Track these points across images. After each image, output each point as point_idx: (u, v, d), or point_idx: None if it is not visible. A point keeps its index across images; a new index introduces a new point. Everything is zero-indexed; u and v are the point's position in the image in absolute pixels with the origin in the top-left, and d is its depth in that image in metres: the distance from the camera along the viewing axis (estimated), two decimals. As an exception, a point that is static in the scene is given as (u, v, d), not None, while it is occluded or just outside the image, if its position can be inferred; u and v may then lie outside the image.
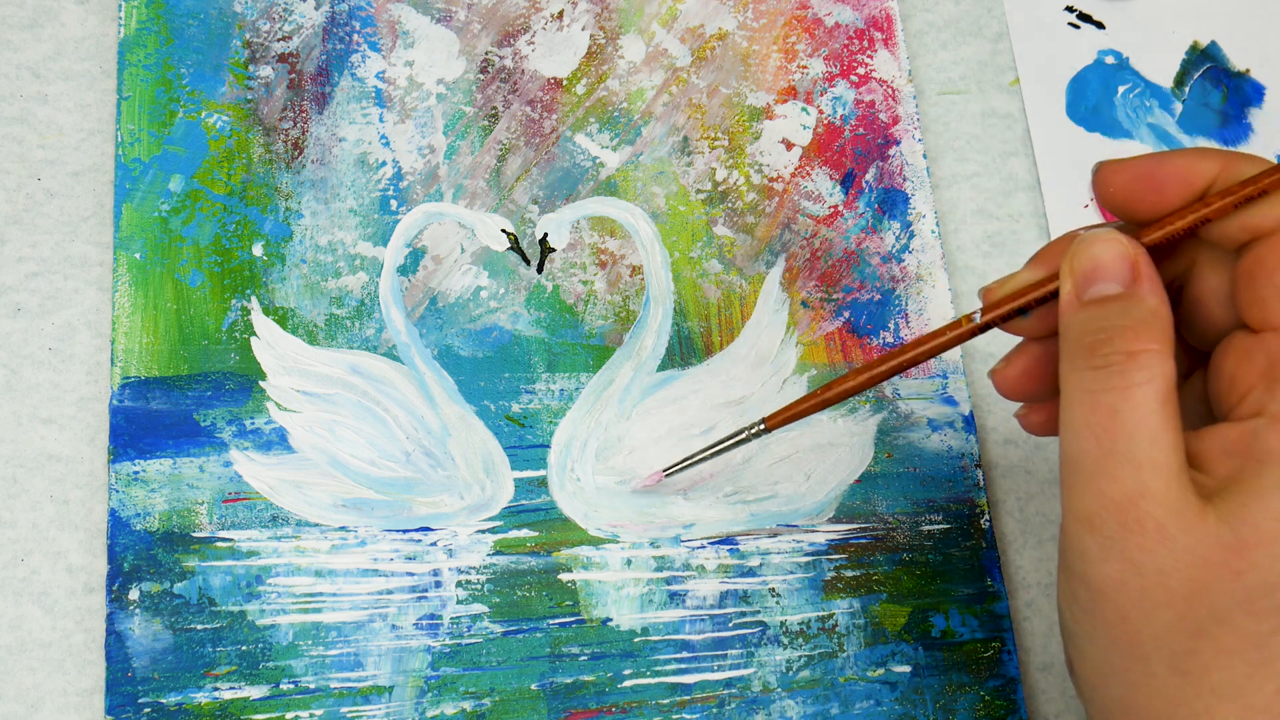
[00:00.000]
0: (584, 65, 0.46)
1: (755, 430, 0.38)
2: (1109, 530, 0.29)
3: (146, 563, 0.37)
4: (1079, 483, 0.30)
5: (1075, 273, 0.31)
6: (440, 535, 0.40)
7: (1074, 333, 0.31)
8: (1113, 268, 0.31)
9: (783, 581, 0.41)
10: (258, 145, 0.42)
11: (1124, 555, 0.29)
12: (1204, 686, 0.29)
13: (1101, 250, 0.31)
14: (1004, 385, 0.36)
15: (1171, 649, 0.29)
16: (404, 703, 0.38)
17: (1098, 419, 0.29)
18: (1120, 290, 0.31)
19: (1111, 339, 0.30)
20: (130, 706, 0.36)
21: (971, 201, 0.47)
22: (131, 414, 0.39)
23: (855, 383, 0.36)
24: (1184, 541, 0.28)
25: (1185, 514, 0.29)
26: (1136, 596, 0.29)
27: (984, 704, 0.41)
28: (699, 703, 0.39)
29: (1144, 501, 0.29)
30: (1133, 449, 0.29)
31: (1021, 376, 0.35)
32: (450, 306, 0.42)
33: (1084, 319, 0.31)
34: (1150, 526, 0.29)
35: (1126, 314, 0.30)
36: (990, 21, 0.50)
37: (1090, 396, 0.30)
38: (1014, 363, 0.35)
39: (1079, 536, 0.30)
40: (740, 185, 0.45)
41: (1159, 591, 0.29)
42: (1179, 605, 0.29)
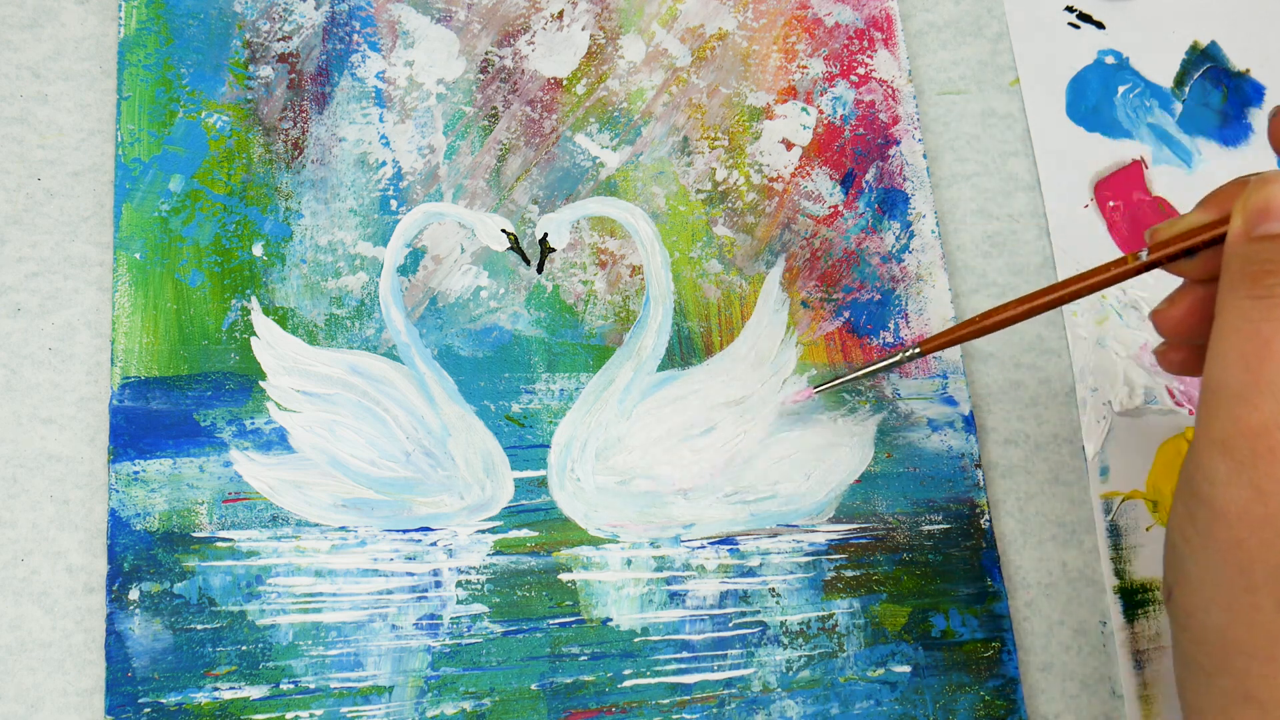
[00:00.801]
0: (584, 65, 0.46)
1: (910, 354, 0.39)
2: (1241, 455, 0.30)
3: (146, 563, 0.37)
4: (1220, 406, 0.31)
5: (1248, 209, 0.32)
6: (440, 535, 0.40)
7: (1239, 263, 0.32)
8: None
9: (783, 581, 0.41)
10: (258, 145, 0.42)
11: (1252, 481, 0.30)
12: None
13: (1275, 191, 0.32)
14: (1165, 324, 0.36)
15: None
16: (404, 703, 0.38)
17: (1251, 347, 0.30)
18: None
19: (1275, 271, 0.31)
20: (130, 706, 0.36)
21: (971, 201, 0.47)
22: (131, 414, 0.39)
23: (1014, 312, 0.37)
24: None
25: None
26: (1257, 524, 0.30)
27: (984, 704, 0.41)
28: (699, 703, 0.39)
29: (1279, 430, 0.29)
30: (1276, 377, 0.30)
31: (1184, 317, 0.36)
32: (450, 306, 0.42)
33: (1251, 251, 0.32)
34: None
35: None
36: (990, 21, 0.50)
37: (1247, 325, 0.31)
38: (1177, 303, 0.36)
39: (1210, 458, 0.31)
40: (740, 185, 0.45)
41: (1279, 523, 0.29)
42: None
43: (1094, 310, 0.46)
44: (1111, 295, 0.46)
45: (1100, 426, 0.44)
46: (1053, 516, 0.44)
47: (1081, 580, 0.43)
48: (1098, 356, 0.45)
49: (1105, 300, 0.46)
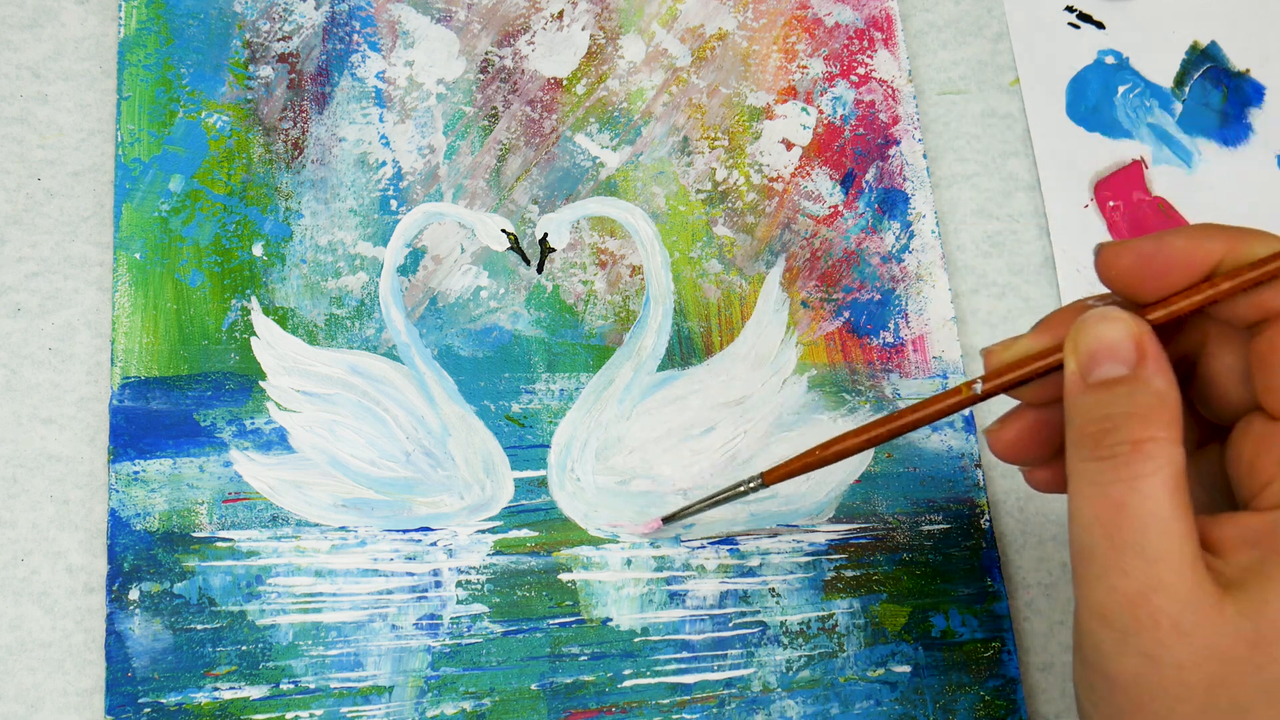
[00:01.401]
0: (584, 65, 0.46)
1: (753, 484, 0.37)
2: (1123, 624, 0.28)
3: (146, 563, 0.37)
4: (1090, 576, 0.29)
5: (1080, 352, 0.30)
6: (440, 535, 0.40)
7: (1079, 420, 0.30)
8: (1118, 348, 0.30)
9: (783, 581, 0.41)
10: (258, 145, 0.42)
11: (1140, 650, 0.28)
12: None
13: (1107, 330, 0.30)
14: (999, 447, 0.35)
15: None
16: (404, 703, 0.38)
17: (1105, 512, 0.28)
18: (1126, 372, 0.29)
19: (1117, 427, 0.29)
20: (130, 706, 0.36)
21: (971, 201, 0.47)
22: (131, 414, 0.39)
23: (853, 443, 0.35)
24: (1201, 636, 0.28)
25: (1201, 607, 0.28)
26: (1155, 690, 0.28)
27: (984, 704, 0.41)
28: (699, 703, 0.39)
29: (1157, 596, 0.28)
30: (1143, 543, 0.28)
31: (1017, 441, 0.34)
32: (450, 306, 0.42)
33: (1089, 404, 0.30)
34: (1165, 622, 0.28)
35: (1132, 399, 0.29)
36: (990, 21, 0.50)
37: (1097, 489, 0.29)
38: (1010, 426, 0.34)
39: (1093, 630, 0.29)
40: (740, 185, 0.45)
41: (1177, 686, 0.28)
42: (1199, 699, 0.28)
43: (1094, 310, 0.46)
44: (1111, 295, 0.46)
45: (1100, 427, 0.44)
46: (1053, 516, 0.44)
47: (1081, 580, 0.43)
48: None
49: (1105, 300, 0.46)
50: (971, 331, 0.45)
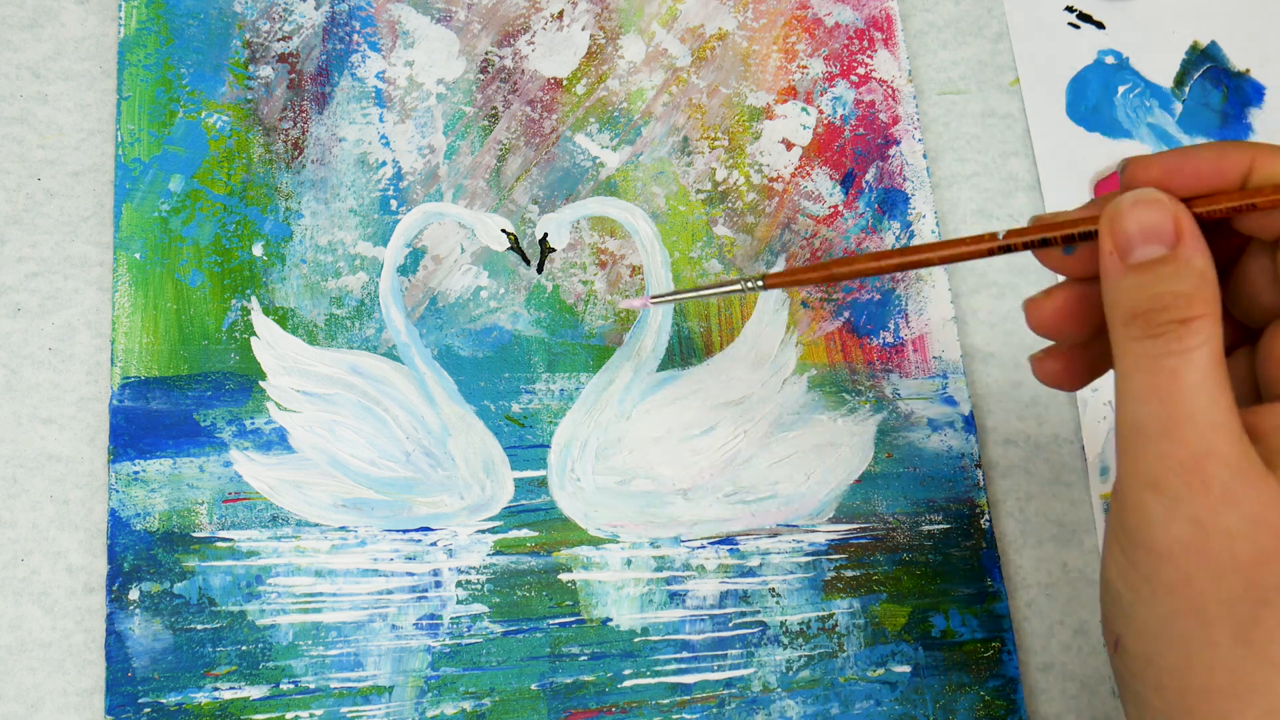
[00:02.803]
0: (584, 65, 0.46)
1: (752, 284, 0.36)
2: (1175, 492, 0.29)
3: (146, 563, 0.37)
4: (1142, 446, 0.29)
5: (1118, 235, 0.31)
6: (440, 535, 0.40)
7: (1124, 300, 0.30)
8: (1158, 228, 0.30)
9: (783, 581, 0.41)
10: (258, 145, 0.42)
11: (1190, 517, 0.29)
12: (1266, 657, 0.29)
13: (1145, 211, 0.30)
14: (1037, 318, 0.35)
15: (1236, 616, 0.29)
16: (404, 703, 0.38)
17: (1160, 382, 0.29)
18: (1165, 252, 0.30)
19: (1165, 307, 0.29)
20: (130, 706, 0.36)
21: (971, 201, 0.47)
22: (131, 414, 0.39)
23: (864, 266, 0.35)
24: (1250, 504, 0.28)
25: (1250, 476, 0.29)
26: (1202, 559, 0.29)
27: (984, 704, 0.41)
28: (699, 703, 0.39)
29: (1210, 461, 0.29)
30: (1195, 410, 0.29)
31: (1056, 314, 0.34)
32: (450, 306, 0.42)
33: (1132, 285, 0.30)
34: (1216, 487, 0.28)
35: (1178, 279, 0.30)
36: (990, 21, 0.50)
37: (1151, 361, 0.29)
38: (1053, 297, 0.34)
39: (1141, 500, 0.30)
40: (740, 185, 0.45)
41: (1225, 555, 0.28)
42: (1246, 570, 0.29)
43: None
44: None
45: (1100, 426, 0.44)
46: (1053, 516, 0.44)
47: (1081, 580, 0.43)
48: (1098, 356, 0.45)
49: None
50: (971, 331, 0.45)
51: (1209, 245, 0.31)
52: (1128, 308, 0.30)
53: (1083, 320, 0.34)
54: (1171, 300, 0.29)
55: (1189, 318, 0.29)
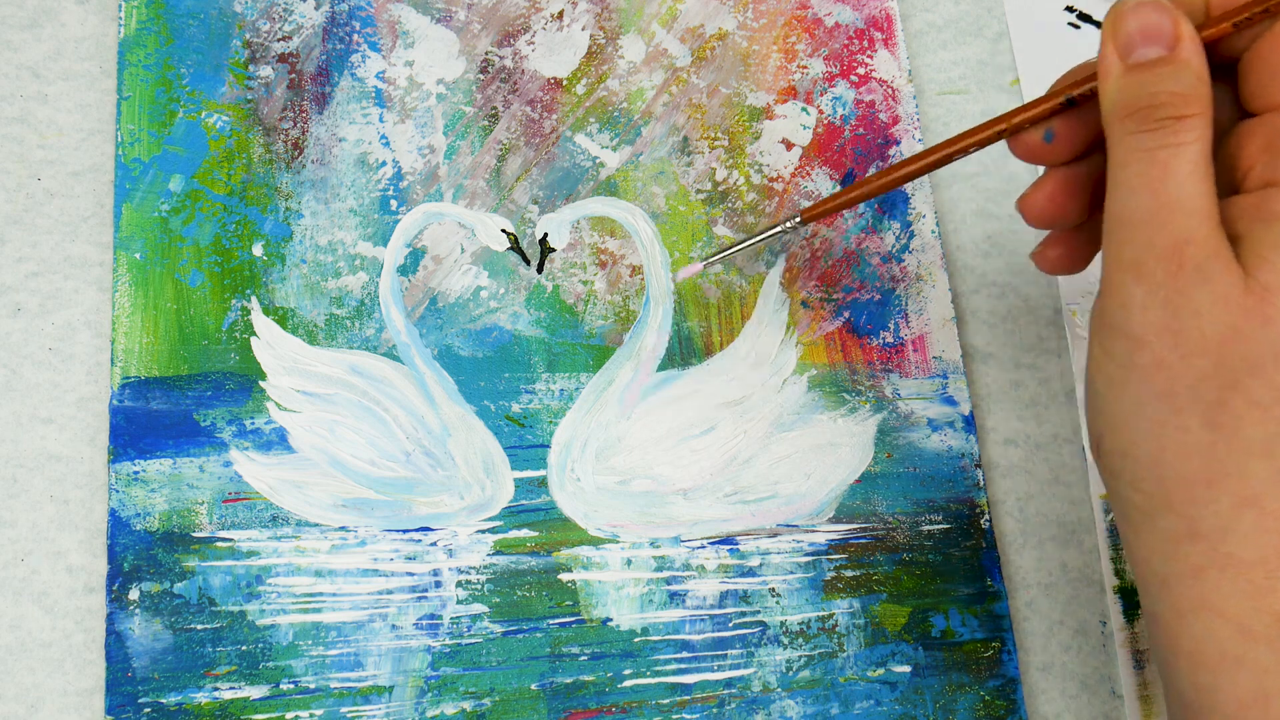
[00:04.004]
0: (584, 65, 0.46)
1: (792, 223, 0.39)
2: (1157, 275, 0.30)
3: (146, 563, 0.37)
4: (1129, 234, 0.31)
5: (1119, 35, 0.32)
6: (440, 535, 0.40)
7: (1123, 97, 0.32)
8: (1157, 29, 0.32)
9: (783, 581, 0.41)
10: (258, 145, 0.42)
11: (1167, 300, 0.30)
12: (1236, 442, 0.30)
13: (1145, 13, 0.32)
14: (1032, 210, 0.36)
15: (1205, 400, 0.30)
16: (404, 703, 0.38)
17: (1153, 172, 0.31)
18: (1164, 53, 0.31)
19: (1162, 104, 0.31)
20: (130, 706, 0.36)
21: (971, 201, 0.47)
22: (131, 414, 0.39)
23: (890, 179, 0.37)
24: (1220, 284, 0.30)
25: (1222, 258, 0.30)
26: (1174, 340, 0.30)
27: (984, 704, 0.41)
28: (699, 703, 0.39)
29: (1189, 247, 0.30)
30: (1183, 198, 0.30)
31: (1051, 200, 0.36)
32: (450, 306, 0.42)
33: (1132, 83, 0.32)
34: (1191, 269, 0.30)
35: (1176, 79, 0.31)
36: (990, 21, 0.50)
37: (1145, 154, 0.31)
38: (1042, 187, 0.36)
39: (1123, 285, 0.31)
40: (740, 185, 0.45)
41: (1196, 335, 0.30)
42: (1214, 352, 0.30)
43: (1094, 310, 0.46)
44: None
45: (1100, 426, 0.44)
46: (1053, 516, 0.44)
47: (1081, 580, 0.43)
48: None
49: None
50: (972, 331, 0.45)
51: None
52: (1126, 104, 0.32)
53: (1075, 200, 0.36)
54: (1168, 99, 0.31)
55: (1184, 115, 0.31)
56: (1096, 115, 0.35)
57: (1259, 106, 0.33)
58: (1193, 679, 0.31)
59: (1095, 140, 0.36)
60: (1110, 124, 0.32)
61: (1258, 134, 0.33)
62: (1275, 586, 0.30)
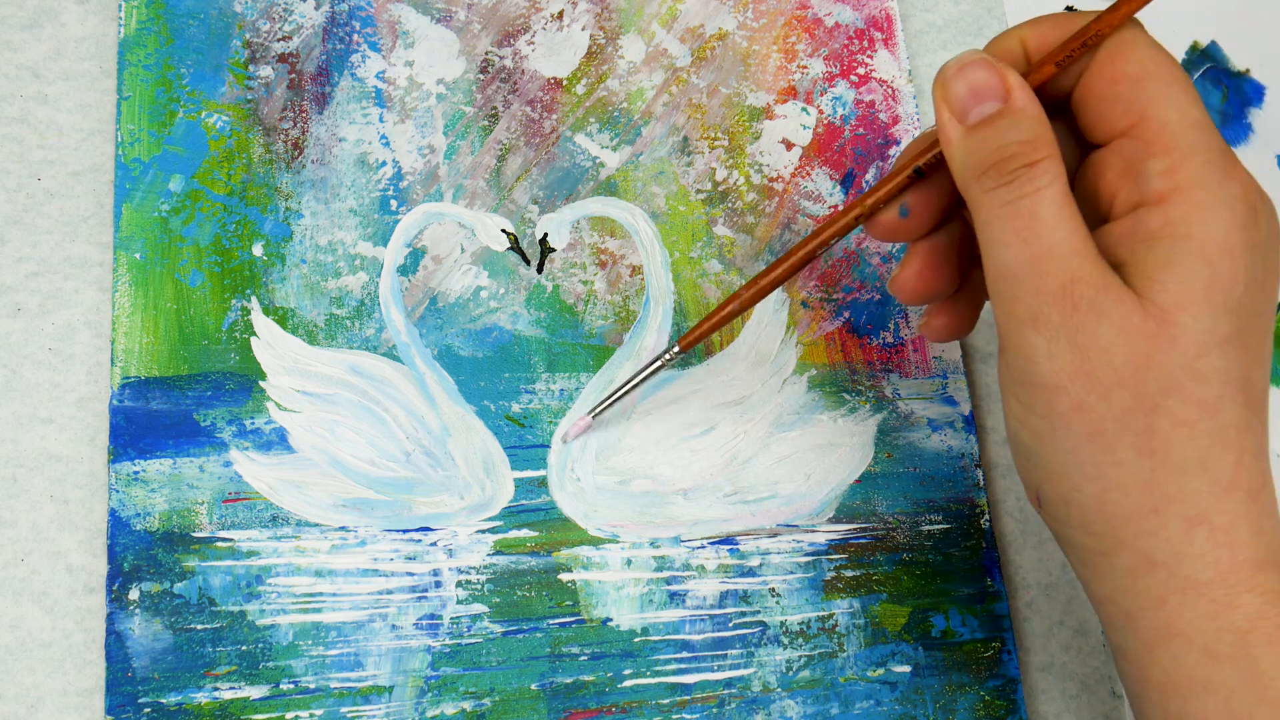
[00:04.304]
0: (584, 65, 0.46)
1: (670, 355, 0.38)
2: (1053, 322, 0.30)
3: (146, 563, 0.37)
4: (1015, 288, 0.31)
5: (951, 100, 0.32)
6: (440, 535, 0.40)
7: (972, 158, 0.32)
8: (987, 86, 0.32)
9: (783, 581, 0.41)
10: (258, 145, 0.42)
11: (1071, 342, 0.30)
12: (1170, 464, 0.30)
13: (971, 73, 0.32)
14: (904, 290, 0.37)
15: (1132, 430, 0.30)
16: (404, 703, 0.38)
17: (1020, 223, 0.31)
18: (999, 106, 0.32)
19: (1011, 156, 0.31)
20: (130, 706, 0.36)
21: (971, 201, 0.47)
22: (131, 414, 0.39)
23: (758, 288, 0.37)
24: (1119, 315, 0.30)
25: (1112, 288, 0.30)
26: (1089, 382, 0.30)
27: (984, 704, 0.41)
28: (699, 703, 0.39)
29: (1078, 286, 0.30)
30: (1057, 242, 0.30)
31: (919, 277, 0.36)
32: (450, 306, 0.42)
33: (976, 143, 0.32)
34: (1085, 307, 0.30)
35: (1017, 128, 0.31)
36: (990, 21, 0.50)
37: (1008, 207, 0.31)
38: (909, 265, 0.36)
39: (1024, 339, 0.31)
40: (740, 185, 0.45)
41: (1108, 371, 0.30)
42: (1130, 382, 0.30)
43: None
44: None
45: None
46: (1053, 516, 0.44)
47: (1081, 580, 0.43)
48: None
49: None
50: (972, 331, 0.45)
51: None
52: (977, 164, 0.32)
53: (943, 271, 0.36)
54: (1016, 149, 0.31)
55: (1035, 160, 0.31)
56: (947, 182, 0.35)
57: (1102, 136, 0.33)
58: (1164, 708, 0.31)
59: (950, 207, 0.36)
60: (966, 187, 0.32)
61: (1111, 162, 0.33)
62: (1235, 601, 0.30)
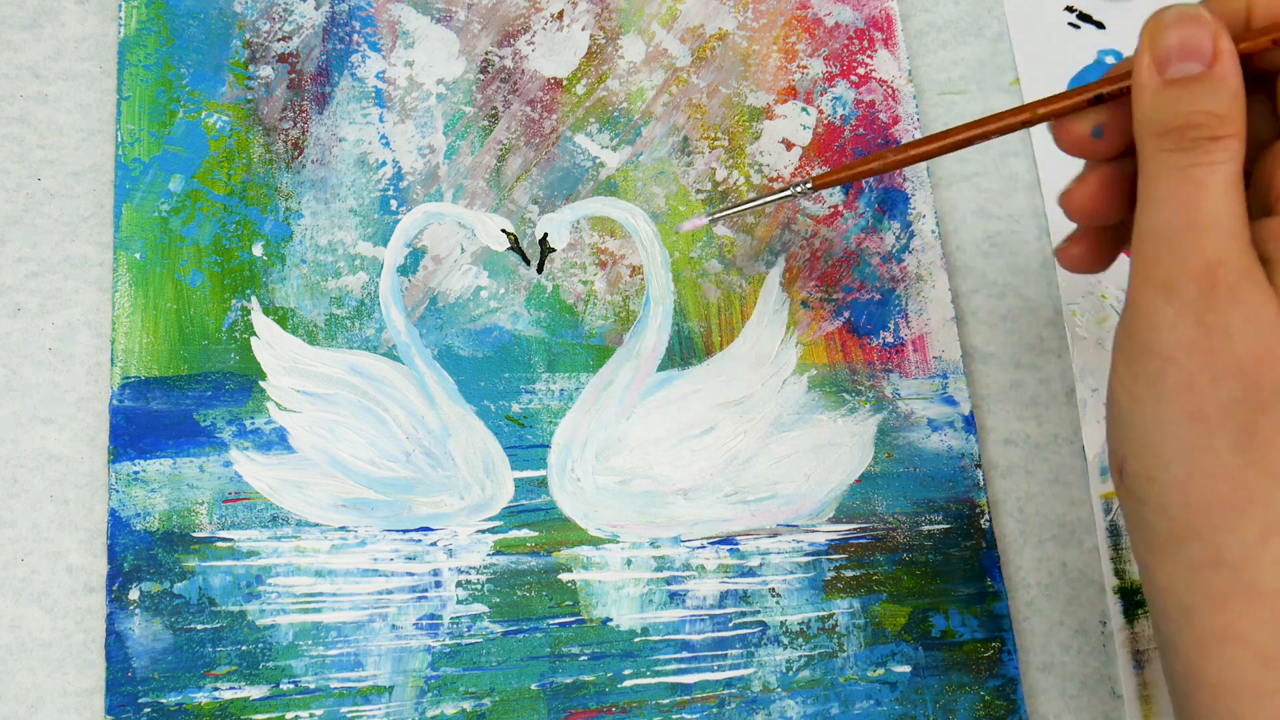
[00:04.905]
0: (584, 65, 0.46)
1: (801, 188, 0.38)
2: (1188, 294, 0.30)
3: (146, 563, 0.37)
4: (1160, 251, 0.30)
5: (1157, 48, 0.31)
6: (440, 535, 0.40)
7: (1158, 114, 0.31)
8: (1197, 45, 0.31)
9: (783, 581, 0.41)
10: (258, 145, 0.42)
11: (1198, 318, 0.30)
12: (1264, 466, 0.29)
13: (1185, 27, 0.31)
14: (1073, 204, 0.36)
15: (1236, 422, 0.29)
16: (404, 703, 0.38)
17: (1186, 190, 0.30)
18: (1202, 69, 0.31)
19: (1198, 124, 0.30)
20: (130, 706, 0.36)
21: (971, 201, 0.47)
22: (131, 414, 0.39)
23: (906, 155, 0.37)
24: (1254, 304, 0.29)
25: (1255, 278, 0.30)
26: (1205, 360, 0.30)
27: (984, 704, 0.41)
28: (699, 703, 0.39)
29: (1222, 268, 0.30)
30: (1216, 217, 0.30)
31: (1092, 197, 0.35)
32: (450, 306, 0.42)
33: (1168, 100, 0.31)
34: (1224, 289, 0.29)
35: (1213, 99, 0.30)
36: (990, 21, 0.50)
37: (1178, 171, 0.30)
38: (1086, 182, 0.35)
39: (1153, 304, 0.30)
40: (740, 185, 0.45)
41: (1228, 357, 0.29)
42: (1247, 374, 0.29)
43: (1094, 310, 0.46)
44: (1111, 296, 0.46)
45: (1100, 427, 0.44)
46: (1053, 516, 0.44)
47: (1081, 580, 0.43)
48: (1098, 356, 0.45)
49: (1105, 300, 0.46)
50: (971, 331, 0.45)
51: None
52: (1161, 121, 0.31)
53: (1117, 198, 0.35)
54: (1205, 119, 0.30)
55: (1220, 135, 0.30)
56: None
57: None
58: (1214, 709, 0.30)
59: None
60: (1142, 138, 0.32)
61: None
62: None
